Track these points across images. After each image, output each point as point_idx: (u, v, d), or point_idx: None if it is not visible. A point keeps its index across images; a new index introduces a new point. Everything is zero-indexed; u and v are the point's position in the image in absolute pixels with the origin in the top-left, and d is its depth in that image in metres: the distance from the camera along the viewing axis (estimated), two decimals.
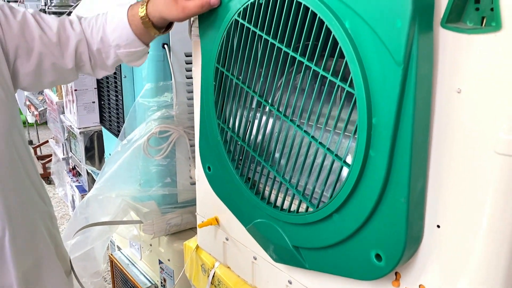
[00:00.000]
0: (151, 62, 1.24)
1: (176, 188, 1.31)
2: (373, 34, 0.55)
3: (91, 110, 2.44)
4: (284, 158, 0.75)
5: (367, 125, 0.58)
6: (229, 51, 0.80)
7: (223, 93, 0.85)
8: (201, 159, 0.96)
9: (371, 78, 0.57)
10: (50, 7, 2.42)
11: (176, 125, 1.26)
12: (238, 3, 0.75)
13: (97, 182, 1.32)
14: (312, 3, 0.62)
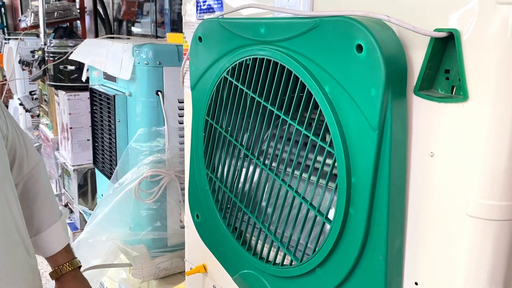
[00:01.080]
0: (145, 108, 1.27)
1: (166, 232, 1.32)
2: (351, 99, 0.59)
3: (86, 148, 2.46)
4: (270, 208, 0.77)
5: (346, 183, 0.61)
6: (218, 104, 0.84)
7: (212, 143, 0.87)
8: (189, 206, 0.97)
9: (350, 140, 0.60)
10: (50, 47, 2.47)
11: (168, 169, 1.28)
12: (227, 62, 0.79)
13: (88, 225, 1.33)
14: (295, 68, 0.65)
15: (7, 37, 4.54)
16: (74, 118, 2.37)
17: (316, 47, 0.63)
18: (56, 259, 1.06)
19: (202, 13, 0.93)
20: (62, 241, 1.07)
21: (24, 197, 1.00)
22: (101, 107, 1.48)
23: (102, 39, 1.60)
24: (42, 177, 1.05)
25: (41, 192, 1.04)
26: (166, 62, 1.24)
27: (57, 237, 1.06)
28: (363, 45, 0.55)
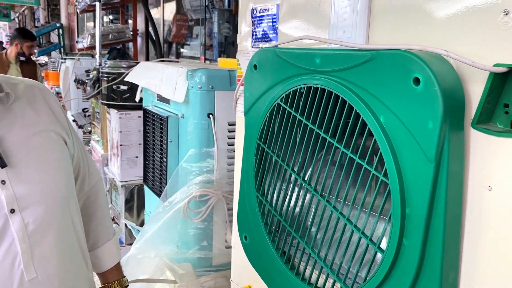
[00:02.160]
0: (196, 130, 1.32)
1: (211, 252, 1.34)
2: (406, 131, 0.59)
3: (134, 164, 2.55)
4: (320, 233, 0.78)
5: (400, 214, 0.61)
6: (270, 130, 0.86)
7: (263, 167, 0.90)
8: (238, 228, 0.99)
9: (405, 171, 0.60)
10: (104, 67, 2.61)
11: (216, 189, 1.31)
12: (281, 90, 0.82)
13: (138, 241, 1.38)
14: (349, 97, 0.67)
15: (64, 57, 4.81)
16: (124, 136, 2.47)
17: (372, 78, 0.64)
18: (107, 276, 1.11)
19: (257, 41, 0.97)
20: (114, 259, 1.12)
21: (83, 214, 1.05)
22: (154, 127, 1.55)
23: (157, 63, 1.68)
24: (101, 196, 1.11)
25: (98, 210, 1.10)
26: (218, 86, 1.29)
27: (110, 255, 1.11)
28: (421, 78, 0.56)
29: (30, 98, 0.92)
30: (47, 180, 0.88)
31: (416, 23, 0.64)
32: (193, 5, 3.33)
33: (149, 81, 1.55)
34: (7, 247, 0.82)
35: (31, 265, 0.84)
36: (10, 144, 0.84)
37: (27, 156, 0.86)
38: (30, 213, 0.84)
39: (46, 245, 0.87)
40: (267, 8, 0.93)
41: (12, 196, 0.82)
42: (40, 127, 0.90)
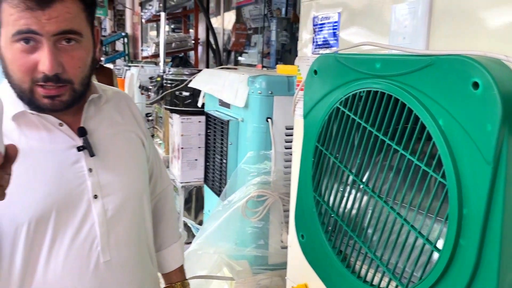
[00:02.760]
0: (255, 133, 1.38)
1: (267, 251, 1.39)
2: (465, 133, 0.61)
3: (193, 166, 2.66)
4: (377, 234, 0.81)
5: (457, 215, 0.63)
6: (328, 132, 0.90)
7: (320, 168, 0.94)
8: (295, 227, 1.04)
9: (462, 173, 0.62)
10: (168, 74, 2.75)
11: (273, 190, 1.36)
12: (340, 94, 0.85)
13: (198, 237, 1.46)
14: (409, 101, 0.70)
15: (129, 64, 5.09)
16: (185, 139, 2.59)
17: (431, 83, 0.66)
18: (171, 277, 1.20)
19: (318, 48, 1.01)
20: (178, 261, 1.21)
21: (153, 215, 1.15)
22: (215, 131, 1.63)
23: (219, 70, 1.76)
24: (170, 200, 1.21)
25: (167, 213, 1.20)
26: (277, 91, 1.34)
27: (175, 257, 1.20)
28: (480, 82, 0.58)
29: (116, 102, 1.04)
30: (126, 173, 0.98)
31: (475, 29, 0.65)
32: (252, 14, 3.43)
33: (212, 87, 1.63)
34: (88, 229, 0.91)
35: (106, 248, 0.93)
36: (99, 138, 0.96)
37: (111, 150, 0.97)
38: (110, 200, 0.94)
39: (121, 231, 0.96)
40: (328, 16, 0.97)
41: (97, 183, 0.93)
42: (123, 128, 1.02)
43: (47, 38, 0.82)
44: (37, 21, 0.80)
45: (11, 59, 0.85)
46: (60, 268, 0.89)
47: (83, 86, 0.90)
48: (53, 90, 0.85)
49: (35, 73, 0.84)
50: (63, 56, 0.84)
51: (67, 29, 0.83)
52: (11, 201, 0.83)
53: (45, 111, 0.89)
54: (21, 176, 0.85)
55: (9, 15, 0.81)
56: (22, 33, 0.81)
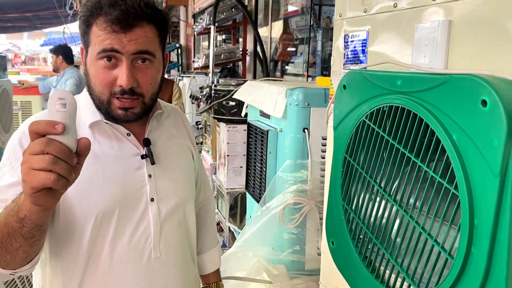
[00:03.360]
0: (292, 143, 1.45)
1: (304, 256, 1.45)
2: (475, 148, 0.65)
3: (239, 173, 2.76)
4: (398, 241, 0.85)
5: (469, 224, 0.66)
6: (356, 144, 0.95)
7: (348, 178, 0.99)
8: (326, 234, 1.09)
9: (473, 185, 0.66)
10: (216, 85, 2.88)
11: (309, 198, 1.42)
12: (366, 108, 0.91)
13: (238, 241, 1.54)
14: (426, 116, 0.74)
15: (181, 75, 5.32)
16: (231, 147, 2.70)
17: (445, 99, 0.71)
18: (208, 278, 1.33)
19: (348, 63, 1.07)
20: (216, 264, 1.33)
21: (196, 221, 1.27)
22: (256, 140, 1.71)
23: (260, 82, 1.85)
24: (211, 209, 1.34)
25: (208, 220, 1.33)
26: (313, 103, 1.40)
27: (213, 260, 1.33)
28: (488, 100, 0.62)
29: (174, 118, 1.19)
30: (179, 181, 1.12)
31: (490, 50, 0.69)
32: (299, 25, 3.50)
33: (254, 98, 1.72)
34: (144, 228, 1.04)
35: (157, 246, 1.05)
36: (159, 148, 1.10)
37: (168, 159, 1.11)
38: (164, 203, 1.07)
39: (170, 231, 1.08)
40: (358, 34, 1.03)
41: (154, 188, 1.06)
42: (178, 141, 1.17)
43: (126, 56, 0.97)
44: (119, 42, 0.95)
45: (94, 74, 1.00)
46: (118, 259, 1.02)
47: (152, 101, 1.05)
48: (127, 103, 0.99)
49: (114, 87, 0.98)
50: (138, 73, 0.99)
51: (144, 50, 0.98)
52: (83, 197, 0.99)
53: (117, 121, 1.02)
54: (93, 176, 1.00)
55: (97, 36, 0.97)
56: (106, 51, 0.96)
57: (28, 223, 0.79)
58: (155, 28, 1.01)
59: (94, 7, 0.96)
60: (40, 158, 0.69)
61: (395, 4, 0.90)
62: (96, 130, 1.04)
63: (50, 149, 0.70)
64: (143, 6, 0.97)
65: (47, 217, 0.82)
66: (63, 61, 4.27)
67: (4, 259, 0.85)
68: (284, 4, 3.75)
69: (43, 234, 0.85)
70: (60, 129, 0.70)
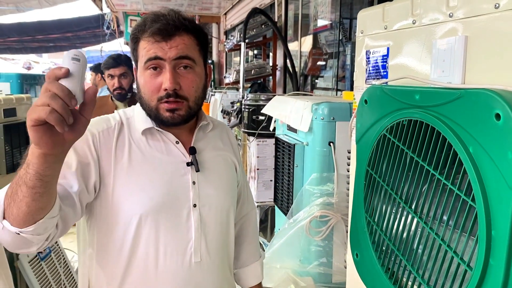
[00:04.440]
0: (319, 156, 1.47)
1: (331, 269, 1.46)
2: (491, 161, 0.66)
3: (269, 187, 2.79)
4: (419, 252, 0.86)
5: (486, 236, 0.67)
6: (377, 157, 0.97)
7: (371, 191, 1.01)
8: (350, 246, 1.11)
9: (490, 197, 0.67)
10: (246, 100, 2.94)
11: (335, 211, 1.43)
12: (387, 122, 0.93)
13: (266, 252, 1.57)
14: (443, 130, 0.76)
15: (214, 90, 5.43)
16: (261, 161, 2.74)
17: (462, 113, 0.72)
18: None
19: (370, 79, 1.09)
20: (258, 278, 1.37)
21: (238, 235, 1.32)
22: (283, 153, 1.74)
23: (288, 97, 1.89)
24: (253, 223, 1.38)
25: (250, 234, 1.37)
26: (338, 117, 1.43)
27: (255, 274, 1.37)
28: (501, 114, 0.64)
29: (219, 131, 1.26)
30: (220, 189, 1.18)
31: (506, 64, 0.70)
32: (328, 40, 3.53)
33: (281, 113, 1.76)
34: (187, 232, 1.11)
35: (198, 251, 1.11)
36: (204, 157, 1.17)
37: (212, 168, 1.17)
38: (205, 210, 1.13)
39: (211, 238, 1.13)
40: (379, 50, 1.05)
41: (197, 194, 1.12)
42: (223, 152, 1.23)
43: (169, 62, 1.07)
44: (161, 50, 1.06)
45: (143, 84, 1.11)
46: (160, 261, 1.09)
47: (196, 105, 1.13)
48: (173, 104, 1.08)
49: (160, 92, 1.08)
50: (181, 78, 1.09)
51: (183, 55, 1.08)
52: (131, 195, 1.08)
53: (166, 125, 1.11)
54: (142, 176, 1.08)
55: (143, 48, 1.08)
56: (151, 60, 1.07)
57: (31, 169, 0.81)
58: (193, 37, 1.10)
59: (140, 25, 1.09)
60: (41, 96, 0.76)
61: (414, 21, 0.92)
62: (148, 136, 1.14)
63: (51, 87, 0.76)
64: (182, 19, 1.09)
65: (48, 167, 0.82)
66: (101, 78, 4.47)
67: (12, 211, 0.86)
68: (313, 20, 3.80)
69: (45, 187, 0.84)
70: (63, 71, 0.77)
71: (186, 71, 1.09)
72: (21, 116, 2.91)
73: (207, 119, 1.22)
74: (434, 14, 0.86)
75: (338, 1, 3.35)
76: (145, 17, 1.09)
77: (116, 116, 1.16)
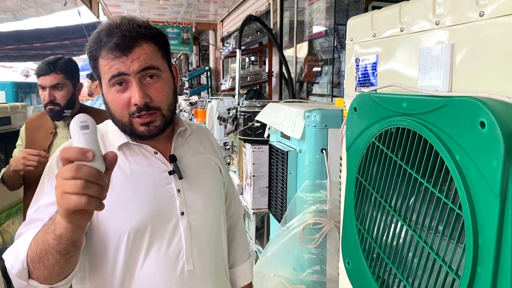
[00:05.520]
0: (311, 163, 1.47)
1: (325, 277, 1.45)
2: (477, 169, 0.66)
3: (264, 194, 2.78)
4: (408, 260, 0.85)
5: (473, 244, 0.67)
6: (367, 165, 0.97)
7: (361, 198, 1.00)
8: (342, 254, 1.10)
9: (477, 205, 0.67)
10: (242, 107, 2.94)
11: (328, 218, 1.43)
12: (375, 130, 0.93)
13: (259, 260, 1.56)
14: (430, 137, 0.76)
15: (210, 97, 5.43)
16: (257, 168, 2.73)
17: (448, 121, 0.72)
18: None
19: (360, 86, 1.09)
20: (248, 278, 1.36)
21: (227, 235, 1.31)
22: (277, 161, 1.74)
23: (281, 104, 1.89)
24: (241, 223, 1.38)
25: (238, 234, 1.36)
26: (331, 124, 1.43)
27: (245, 274, 1.36)
28: (485, 122, 0.63)
29: (199, 135, 1.25)
30: (207, 194, 1.17)
31: (490, 72, 0.71)
32: (323, 46, 3.54)
33: (274, 120, 1.76)
34: (177, 241, 1.09)
35: (190, 259, 1.10)
36: (186, 164, 1.16)
37: (196, 174, 1.16)
38: (194, 217, 1.12)
39: (202, 245, 1.12)
40: (368, 57, 1.05)
41: (183, 202, 1.11)
42: (205, 156, 1.22)
43: (133, 76, 1.04)
44: (123, 65, 1.03)
45: (111, 101, 1.08)
46: (153, 272, 1.07)
47: (170, 112, 1.11)
48: (147, 118, 1.06)
49: (130, 108, 1.05)
50: (149, 88, 1.06)
51: (147, 66, 1.05)
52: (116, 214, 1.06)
53: (143, 138, 1.09)
54: (124, 194, 1.06)
55: (104, 66, 1.05)
56: (115, 77, 1.04)
57: (64, 240, 0.83)
58: (153, 44, 1.07)
59: (95, 42, 1.05)
60: (72, 183, 0.73)
61: (401, 29, 0.93)
62: (126, 151, 1.12)
63: (81, 175, 0.73)
64: (137, 27, 1.04)
65: (82, 233, 0.87)
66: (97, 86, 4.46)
67: (42, 274, 0.90)
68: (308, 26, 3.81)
69: (77, 250, 0.90)
70: (90, 157, 0.74)
71: (153, 80, 1.06)
72: (16, 124, 2.91)
73: (184, 124, 1.21)
74: (421, 22, 0.87)
75: (333, 8, 3.36)
76: (99, 31, 1.05)
77: None
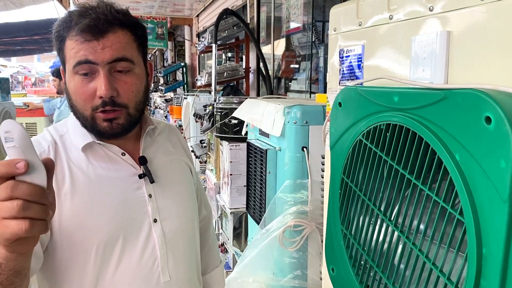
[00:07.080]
0: (291, 162, 1.39)
1: (306, 282, 1.37)
2: (481, 169, 0.59)
3: (242, 193, 2.70)
4: (401, 269, 0.78)
5: (476, 254, 0.60)
6: (353, 165, 0.89)
7: (347, 201, 0.93)
8: (326, 260, 1.02)
9: (480, 210, 0.59)
10: (218, 103, 2.84)
11: (310, 220, 1.35)
12: (363, 126, 0.85)
13: (238, 265, 1.47)
14: (426, 135, 0.68)
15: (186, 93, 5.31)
16: (234, 166, 2.65)
17: (446, 116, 0.65)
18: None
19: (344, 79, 1.02)
20: (220, 284, 1.27)
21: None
22: (255, 159, 1.65)
23: (259, 100, 1.80)
24: (211, 227, 1.29)
25: (209, 239, 1.27)
26: (312, 121, 1.35)
27: (217, 280, 1.27)
28: (492, 117, 0.56)
29: (167, 134, 1.14)
30: (180, 198, 1.07)
31: (493, 62, 0.63)
32: (301, 42, 3.47)
33: (252, 117, 1.67)
34: (151, 251, 0.99)
35: (166, 269, 1.00)
36: (156, 166, 1.05)
37: (168, 177, 1.06)
38: (168, 224, 1.02)
39: (178, 253, 1.03)
40: (353, 48, 0.98)
41: (155, 208, 1.00)
42: (175, 156, 1.12)
43: (102, 66, 0.92)
44: (93, 51, 0.90)
45: (73, 90, 0.95)
46: (126, 286, 0.96)
47: (137, 111, 0.99)
48: (111, 114, 0.94)
49: (94, 100, 0.94)
50: (117, 82, 0.94)
51: (120, 57, 0.93)
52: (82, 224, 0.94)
53: (105, 136, 0.97)
54: (90, 201, 0.94)
55: (71, 49, 0.92)
56: (81, 63, 0.91)
57: (6, 270, 0.71)
58: (129, 32, 0.95)
59: (64, 21, 0.93)
60: (8, 205, 0.61)
61: (390, 16, 0.85)
62: (89, 153, 1.00)
63: (18, 193, 0.60)
64: (115, 12, 0.93)
65: (27, 261, 0.74)
66: None
67: None
68: (286, 22, 3.73)
69: (24, 279, 0.77)
70: (22, 168, 0.61)
71: (123, 74, 0.96)
72: None
73: (153, 122, 1.11)
74: (412, 8, 0.79)
75: (310, 4, 3.29)
76: (71, 11, 0.93)
77: (46, 136, 1.00)
